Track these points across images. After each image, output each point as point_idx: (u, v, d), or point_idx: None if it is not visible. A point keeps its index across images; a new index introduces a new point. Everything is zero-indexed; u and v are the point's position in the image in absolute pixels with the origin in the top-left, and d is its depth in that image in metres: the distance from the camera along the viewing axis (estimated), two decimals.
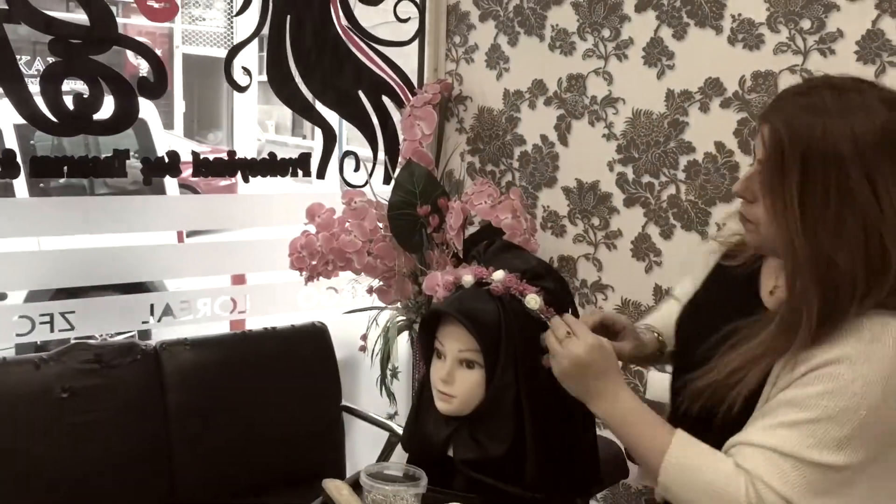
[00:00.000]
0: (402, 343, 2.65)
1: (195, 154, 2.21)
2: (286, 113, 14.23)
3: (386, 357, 2.55)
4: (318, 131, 2.50)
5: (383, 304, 2.51)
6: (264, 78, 2.33)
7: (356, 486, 1.18)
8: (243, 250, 2.54)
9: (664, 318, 1.52)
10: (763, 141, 1.14)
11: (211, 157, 2.25)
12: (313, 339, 2.37)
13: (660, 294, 2.15)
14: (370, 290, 2.42)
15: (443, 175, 2.49)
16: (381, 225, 2.35)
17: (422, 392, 1.27)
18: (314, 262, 2.34)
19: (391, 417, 2.56)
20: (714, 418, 1.13)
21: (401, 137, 2.49)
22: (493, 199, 2.14)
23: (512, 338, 1.16)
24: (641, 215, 2.18)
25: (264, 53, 2.30)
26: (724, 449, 1.13)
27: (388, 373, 2.59)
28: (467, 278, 1.23)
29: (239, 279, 3.79)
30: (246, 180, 2.29)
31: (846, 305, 1.06)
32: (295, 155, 2.38)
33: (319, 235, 2.31)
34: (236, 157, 2.28)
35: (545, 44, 2.33)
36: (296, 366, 2.32)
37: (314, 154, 2.46)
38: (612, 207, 2.23)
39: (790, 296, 1.11)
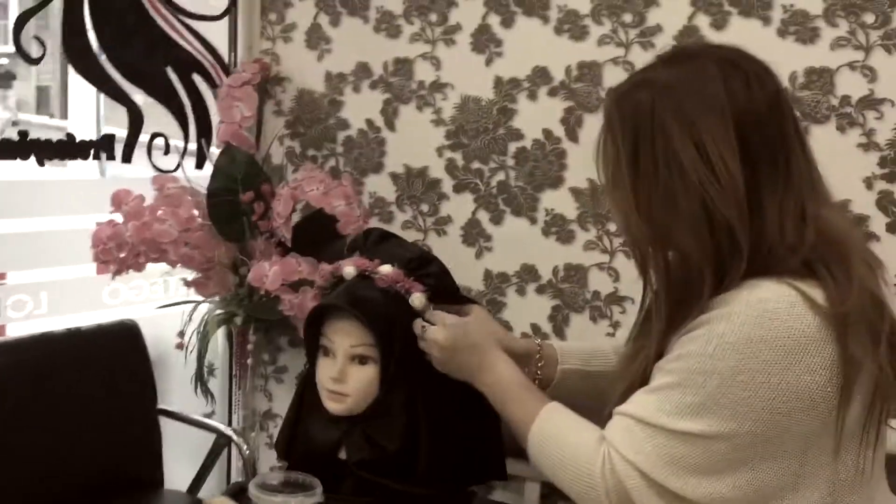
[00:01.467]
0: (219, 338, 2.50)
1: None
2: (28, 90, 12.88)
3: (203, 354, 2.39)
4: (70, 110, 2.27)
5: (200, 298, 2.35)
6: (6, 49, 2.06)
7: (237, 497, 1.08)
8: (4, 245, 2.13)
9: (585, 345, 1.40)
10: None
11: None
12: (123, 339, 2.17)
13: (490, 279, 2.18)
14: (189, 284, 2.26)
15: (263, 160, 2.36)
16: (197, 213, 2.19)
17: (302, 394, 1.19)
18: (123, 255, 2.14)
19: (208, 417, 2.40)
20: None
21: (215, 120, 2.33)
22: (325, 186, 2.06)
23: (404, 329, 1.12)
24: (471, 201, 2.19)
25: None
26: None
27: (205, 370, 2.43)
28: (349, 270, 1.17)
29: None
30: (41, 164, 2.04)
31: (696, 297, 1.01)
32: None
33: (129, 225, 2.11)
34: (28, 139, 2.02)
35: (370, 26, 2.27)
36: (105, 369, 2.11)
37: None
38: (442, 193, 2.23)
39: (643, 291, 1.11)
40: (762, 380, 0.95)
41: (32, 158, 2.01)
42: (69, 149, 2.10)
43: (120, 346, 2.16)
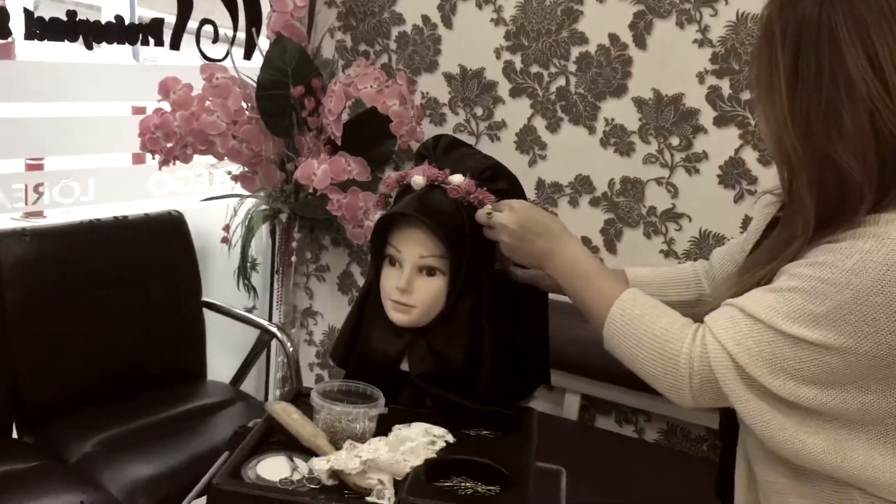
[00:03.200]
0: (262, 234, 2.48)
1: (28, 12, 1.87)
2: None
3: (247, 248, 2.38)
4: None
5: (244, 192, 2.32)
6: None
7: (294, 402, 1.06)
8: (41, 129, 2.08)
9: (659, 273, 1.33)
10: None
11: (46, 16, 1.91)
12: (170, 230, 2.15)
13: (543, 188, 2.13)
14: (235, 178, 2.22)
15: (314, 53, 2.29)
16: (245, 105, 2.13)
17: (363, 303, 1.15)
18: (170, 145, 2.10)
19: (249, 311, 2.41)
20: None
21: (266, 9, 2.24)
22: (379, 84, 1.99)
23: (473, 241, 1.08)
24: (528, 106, 2.12)
25: None
26: None
27: (248, 265, 2.43)
28: (418, 179, 1.11)
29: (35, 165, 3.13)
30: (89, 47, 1.98)
31: (850, 214, 0.94)
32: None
33: (177, 115, 2.06)
34: (77, 19, 1.95)
35: None
36: (151, 259, 2.10)
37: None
38: (498, 97, 2.15)
39: (787, 204, 1.03)
40: None
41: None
42: (118, 32, 2.03)
43: (166, 236, 2.15)
